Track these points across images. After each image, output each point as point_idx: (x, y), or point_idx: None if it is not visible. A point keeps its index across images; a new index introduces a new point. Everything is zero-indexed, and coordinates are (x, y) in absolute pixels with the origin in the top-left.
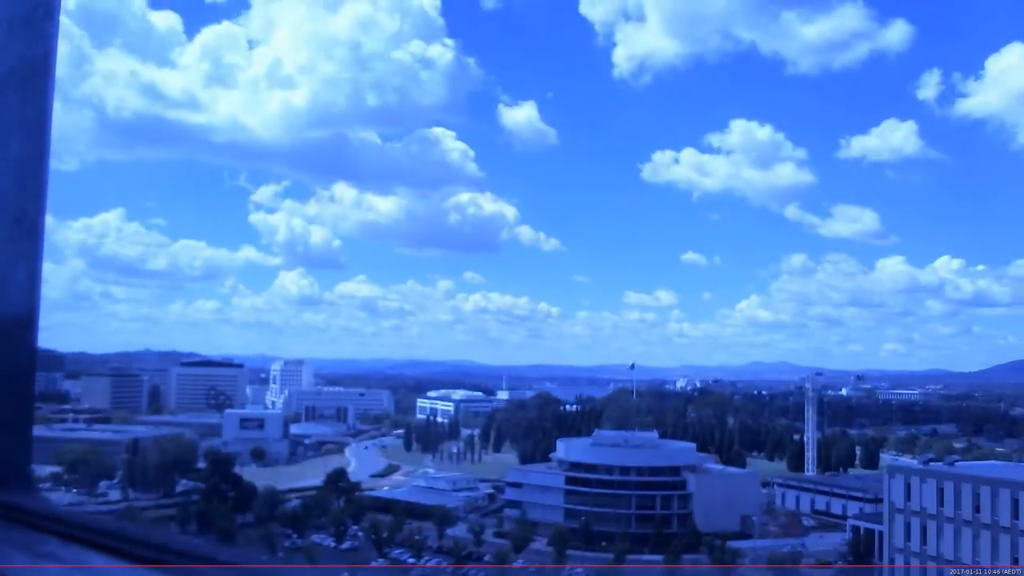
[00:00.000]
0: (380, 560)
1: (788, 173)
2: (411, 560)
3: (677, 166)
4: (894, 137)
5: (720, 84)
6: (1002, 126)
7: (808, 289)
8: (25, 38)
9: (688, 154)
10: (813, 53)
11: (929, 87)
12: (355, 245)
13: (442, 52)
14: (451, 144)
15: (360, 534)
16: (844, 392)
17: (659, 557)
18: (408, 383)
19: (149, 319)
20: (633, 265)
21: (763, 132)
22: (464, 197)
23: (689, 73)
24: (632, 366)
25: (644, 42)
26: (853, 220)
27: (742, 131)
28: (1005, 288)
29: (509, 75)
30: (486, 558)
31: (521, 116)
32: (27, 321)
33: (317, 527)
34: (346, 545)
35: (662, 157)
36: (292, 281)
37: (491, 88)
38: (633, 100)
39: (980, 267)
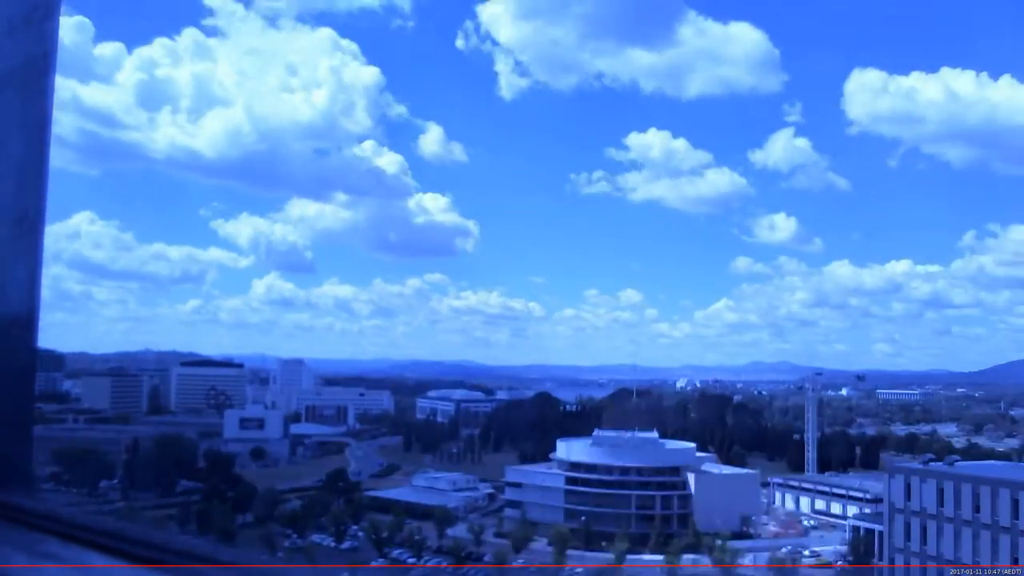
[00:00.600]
0: (380, 560)
1: (703, 183)
2: (411, 560)
3: (593, 184)
4: (775, 149)
5: (602, 109)
6: (879, 140)
7: (770, 291)
8: (25, 38)
9: (601, 172)
10: (660, 79)
11: (794, 114)
12: (316, 250)
13: (357, 74)
14: (386, 157)
15: (360, 534)
16: (844, 392)
17: (659, 557)
18: (408, 383)
19: (135, 319)
20: (590, 270)
21: (662, 143)
22: (412, 204)
23: (573, 100)
24: (632, 367)
25: (520, 76)
26: (772, 227)
27: (646, 145)
28: (959, 288)
29: (411, 101)
30: (486, 558)
31: (430, 138)
32: (27, 321)
33: (317, 527)
34: (346, 545)
35: (577, 177)
36: (268, 283)
37: (399, 109)
38: (527, 125)
39: (933, 267)
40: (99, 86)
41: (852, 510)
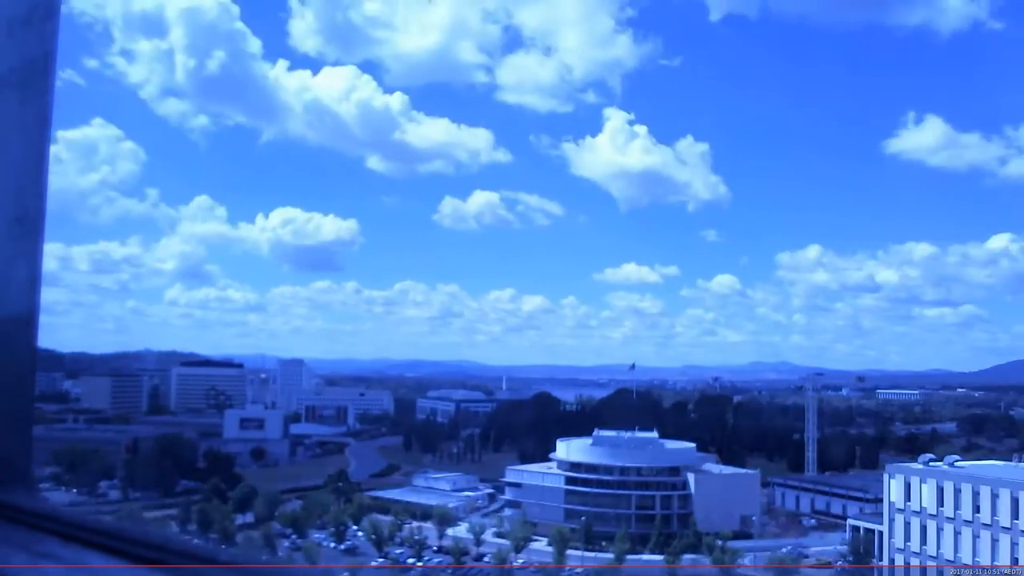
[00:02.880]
0: (380, 560)
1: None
2: (411, 560)
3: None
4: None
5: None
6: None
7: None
8: (25, 38)
9: None
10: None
11: None
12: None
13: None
14: None
15: (360, 534)
16: (844, 392)
17: (659, 557)
18: (408, 383)
19: (100, 319)
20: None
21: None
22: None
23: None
24: (632, 366)
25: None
26: None
27: None
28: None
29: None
30: (486, 558)
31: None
32: (27, 321)
33: (317, 527)
34: (346, 545)
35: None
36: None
37: None
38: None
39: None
40: None
41: (852, 510)
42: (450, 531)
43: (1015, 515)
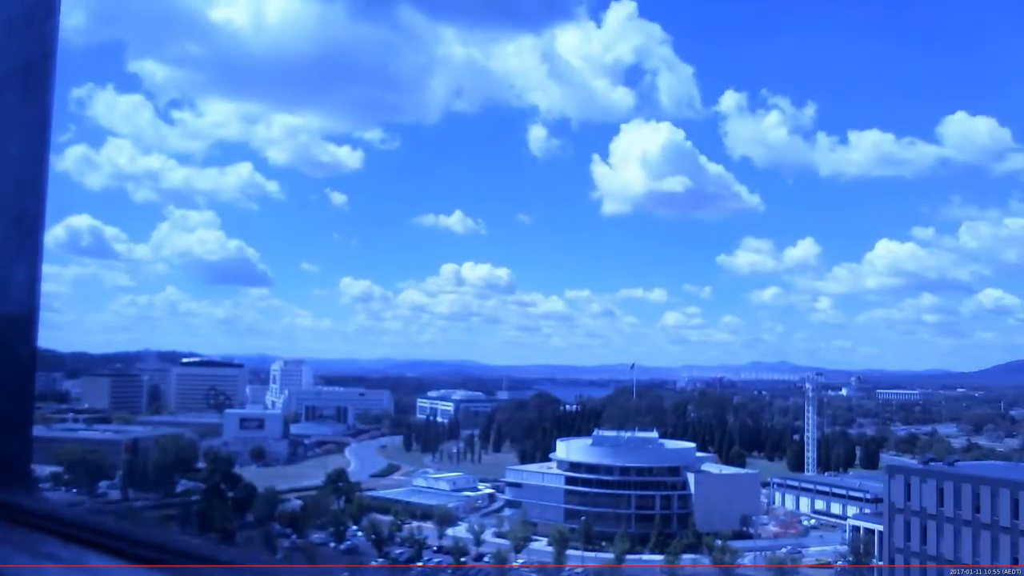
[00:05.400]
0: (380, 560)
1: None
2: (411, 560)
3: None
4: None
5: None
6: None
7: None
8: (25, 38)
9: None
10: None
11: None
12: None
13: None
14: None
15: (360, 534)
16: (844, 392)
17: (659, 557)
18: (408, 383)
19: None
20: None
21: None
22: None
23: None
24: (632, 366)
25: None
26: None
27: None
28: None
29: None
30: (486, 558)
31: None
32: (27, 321)
33: (317, 527)
34: (346, 545)
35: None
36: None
37: None
38: None
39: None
40: None
41: (852, 510)
42: (450, 531)
43: (1015, 515)
